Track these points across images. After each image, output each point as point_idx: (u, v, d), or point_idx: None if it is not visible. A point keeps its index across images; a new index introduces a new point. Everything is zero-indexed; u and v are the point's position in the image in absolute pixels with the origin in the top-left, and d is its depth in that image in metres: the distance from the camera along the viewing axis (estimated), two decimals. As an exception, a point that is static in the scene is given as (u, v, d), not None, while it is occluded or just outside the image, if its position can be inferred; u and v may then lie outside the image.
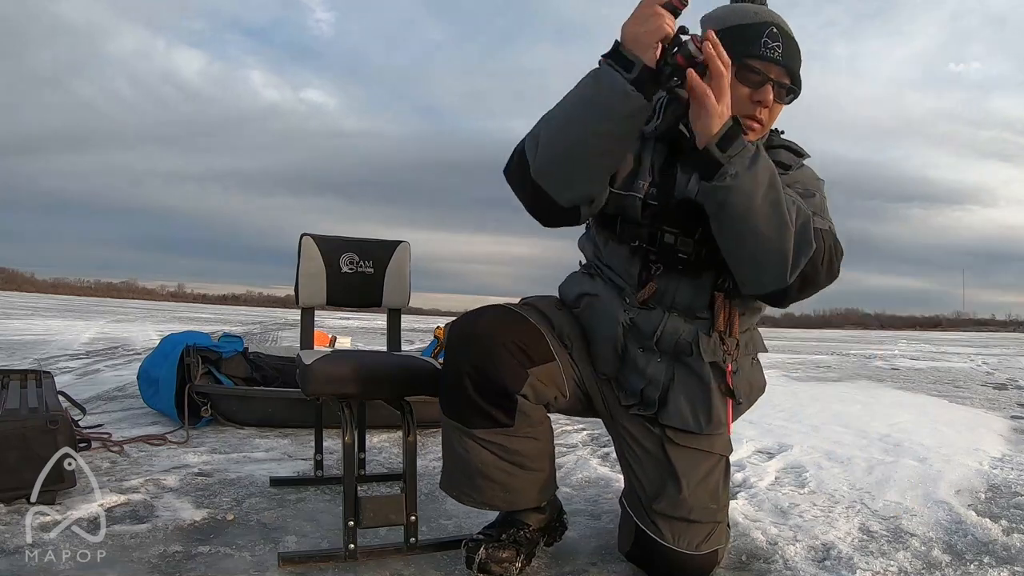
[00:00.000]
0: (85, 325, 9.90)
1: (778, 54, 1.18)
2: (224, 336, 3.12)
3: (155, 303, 36.89)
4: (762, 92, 1.19)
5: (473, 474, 1.26)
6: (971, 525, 1.66)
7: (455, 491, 1.31)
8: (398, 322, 1.87)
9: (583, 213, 1.21)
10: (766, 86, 1.19)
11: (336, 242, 1.82)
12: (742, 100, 1.18)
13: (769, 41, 1.18)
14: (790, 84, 1.22)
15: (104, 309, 18.92)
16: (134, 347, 6.26)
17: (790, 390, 4.62)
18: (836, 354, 10.22)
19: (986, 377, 6.44)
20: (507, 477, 1.25)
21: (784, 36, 1.20)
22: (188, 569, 1.25)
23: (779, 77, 1.20)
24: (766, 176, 1.09)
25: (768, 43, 1.18)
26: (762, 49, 1.17)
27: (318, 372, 1.38)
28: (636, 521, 1.28)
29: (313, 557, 1.32)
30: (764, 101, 1.19)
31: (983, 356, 10.23)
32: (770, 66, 1.18)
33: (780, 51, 1.19)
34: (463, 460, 1.26)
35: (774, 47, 1.18)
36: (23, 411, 1.66)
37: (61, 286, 57.74)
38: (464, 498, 1.30)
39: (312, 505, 1.68)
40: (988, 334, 30.32)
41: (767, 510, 1.77)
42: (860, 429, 2.99)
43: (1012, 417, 3.61)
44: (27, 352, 5.32)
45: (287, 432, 2.56)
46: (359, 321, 17.16)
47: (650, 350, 1.28)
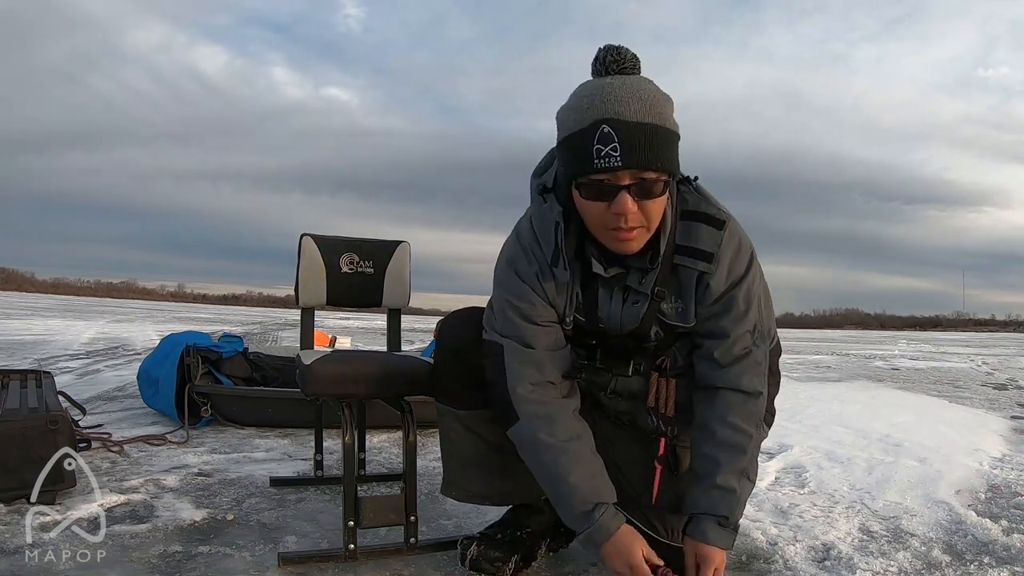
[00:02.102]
0: (85, 325, 9.90)
1: (616, 160, 1.00)
2: (224, 336, 3.12)
3: (155, 303, 36.89)
4: (617, 203, 1.03)
5: (466, 463, 1.28)
6: (971, 525, 1.66)
7: (452, 488, 1.33)
8: (398, 322, 1.87)
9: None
10: (619, 195, 1.02)
11: (336, 242, 1.82)
12: (602, 215, 1.05)
13: (602, 147, 1.00)
14: (652, 177, 1.03)
15: (104, 309, 18.92)
16: (134, 347, 6.26)
17: (790, 390, 4.61)
18: (836, 354, 10.22)
19: (986, 377, 6.44)
20: (498, 464, 1.28)
21: (623, 129, 1.00)
22: (188, 569, 1.25)
23: (634, 178, 1.02)
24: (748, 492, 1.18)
25: (601, 150, 1.01)
26: (596, 160, 1.01)
27: (318, 372, 1.38)
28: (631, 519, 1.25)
29: (313, 557, 1.32)
30: (621, 211, 1.03)
31: (983, 356, 10.23)
32: (616, 174, 1.02)
33: (618, 155, 1.00)
34: (454, 447, 1.31)
35: (608, 153, 1.00)
36: (23, 411, 1.67)
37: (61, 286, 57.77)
38: (459, 492, 1.32)
39: (312, 505, 1.68)
40: (988, 334, 30.31)
41: (767, 510, 1.77)
42: (860, 429, 2.99)
43: (1012, 417, 3.61)
44: (27, 352, 5.32)
45: (287, 432, 2.56)
46: (359, 321, 17.16)
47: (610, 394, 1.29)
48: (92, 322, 10.95)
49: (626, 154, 1.00)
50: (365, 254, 1.84)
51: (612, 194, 1.03)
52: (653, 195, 1.04)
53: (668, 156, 1.04)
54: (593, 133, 1.01)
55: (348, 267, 1.82)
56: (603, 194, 1.03)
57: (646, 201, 1.04)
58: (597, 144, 1.00)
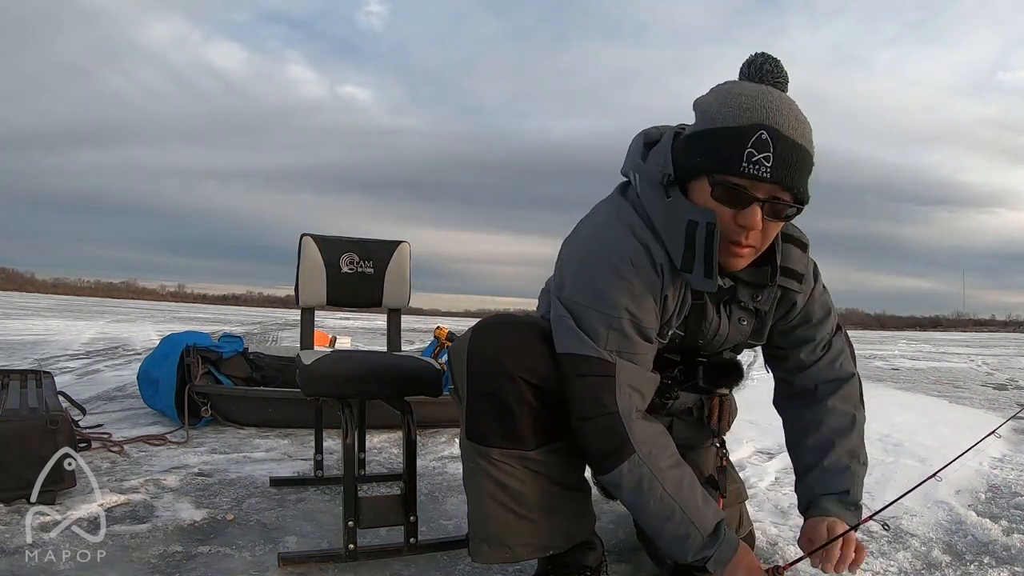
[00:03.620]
0: (85, 325, 9.90)
1: (766, 169, 0.94)
2: (224, 336, 3.12)
3: (155, 303, 36.88)
4: (747, 215, 0.97)
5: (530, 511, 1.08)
6: (971, 525, 1.66)
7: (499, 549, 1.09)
8: (398, 322, 1.88)
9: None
10: (751, 207, 0.97)
11: (336, 242, 1.82)
12: (725, 223, 0.99)
13: (755, 152, 0.94)
14: (788, 201, 0.98)
15: (104, 309, 18.91)
16: (134, 347, 6.26)
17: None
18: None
19: (986, 377, 6.44)
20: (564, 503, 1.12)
21: (780, 141, 0.95)
22: (188, 569, 1.25)
23: (770, 195, 0.97)
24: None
25: (753, 155, 0.94)
26: (745, 164, 0.94)
27: (318, 372, 1.39)
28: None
29: (313, 557, 1.32)
30: (749, 225, 0.97)
31: (983, 356, 10.23)
32: (756, 184, 0.96)
33: (770, 165, 0.94)
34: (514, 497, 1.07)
35: (760, 160, 0.94)
36: (23, 411, 1.67)
37: (61, 286, 57.77)
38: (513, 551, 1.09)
39: (312, 505, 1.68)
40: (988, 334, 30.31)
41: (767, 510, 1.77)
42: (860, 429, 2.99)
43: (1012, 417, 3.60)
44: (27, 352, 5.32)
45: (287, 432, 2.56)
46: (359, 321, 17.15)
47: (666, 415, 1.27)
48: (92, 322, 10.95)
49: (777, 167, 0.94)
50: (365, 254, 1.84)
51: (745, 203, 0.97)
52: (781, 218, 1.00)
53: (805, 184, 0.99)
54: (750, 135, 0.94)
55: (348, 267, 1.82)
56: (736, 201, 0.97)
57: (772, 222, 1.00)
58: (751, 148, 0.94)
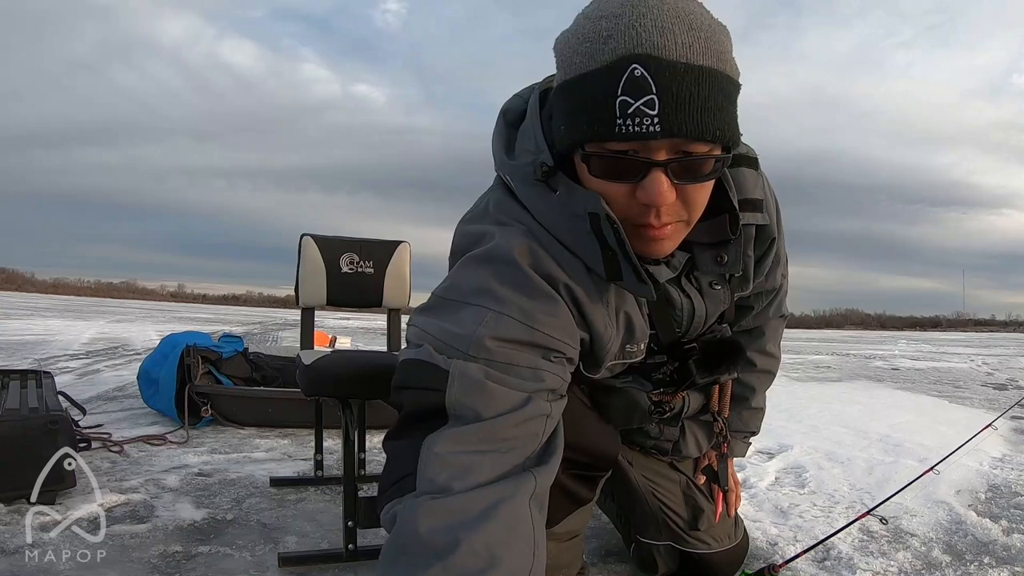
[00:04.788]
0: (85, 325, 9.89)
1: (652, 121, 0.64)
2: (224, 336, 3.12)
3: (155, 303, 36.89)
4: (647, 189, 0.68)
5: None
6: (971, 525, 1.66)
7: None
8: (398, 322, 1.88)
9: None
10: (650, 175, 0.68)
11: (336, 242, 1.82)
12: (622, 204, 0.71)
13: (630, 100, 0.64)
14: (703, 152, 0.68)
15: (104, 309, 18.91)
16: (134, 347, 6.26)
17: (790, 390, 4.61)
18: (836, 354, 10.21)
19: (986, 377, 6.44)
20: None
21: (665, 73, 0.64)
22: (188, 569, 1.25)
23: (673, 151, 0.67)
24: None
25: (629, 104, 0.64)
26: (620, 120, 0.65)
27: (318, 372, 1.38)
28: (678, 547, 1.25)
29: (313, 557, 1.32)
30: (654, 201, 0.68)
31: (983, 356, 10.23)
32: (647, 144, 0.66)
33: (656, 112, 0.64)
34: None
35: (640, 110, 0.64)
36: (23, 411, 1.67)
37: (61, 286, 57.79)
38: None
39: (312, 505, 1.68)
40: (988, 334, 30.33)
41: (767, 510, 1.77)
42: (860, 429, 2.99)
43: (1012, 417, 3.60)
44: (27, 352, 5.32)
45: (287, 432, 2.56)
46: (359, 321, 17.15)
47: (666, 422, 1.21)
48: (92, 322, 10.95)
49: (668, 113, 0.64)
50: (365, 254, 1.84)
51: (640, 173, 0.68)
52: (700, 178, 0.70)
53: (726, 120, 0.68)
54: (617, 77, 0.65)
55: (348, 267, 1.82)
56: (626, 172, 0.69)
57: (689, 186, 0.70)
58: (623, 95, 0.65)
